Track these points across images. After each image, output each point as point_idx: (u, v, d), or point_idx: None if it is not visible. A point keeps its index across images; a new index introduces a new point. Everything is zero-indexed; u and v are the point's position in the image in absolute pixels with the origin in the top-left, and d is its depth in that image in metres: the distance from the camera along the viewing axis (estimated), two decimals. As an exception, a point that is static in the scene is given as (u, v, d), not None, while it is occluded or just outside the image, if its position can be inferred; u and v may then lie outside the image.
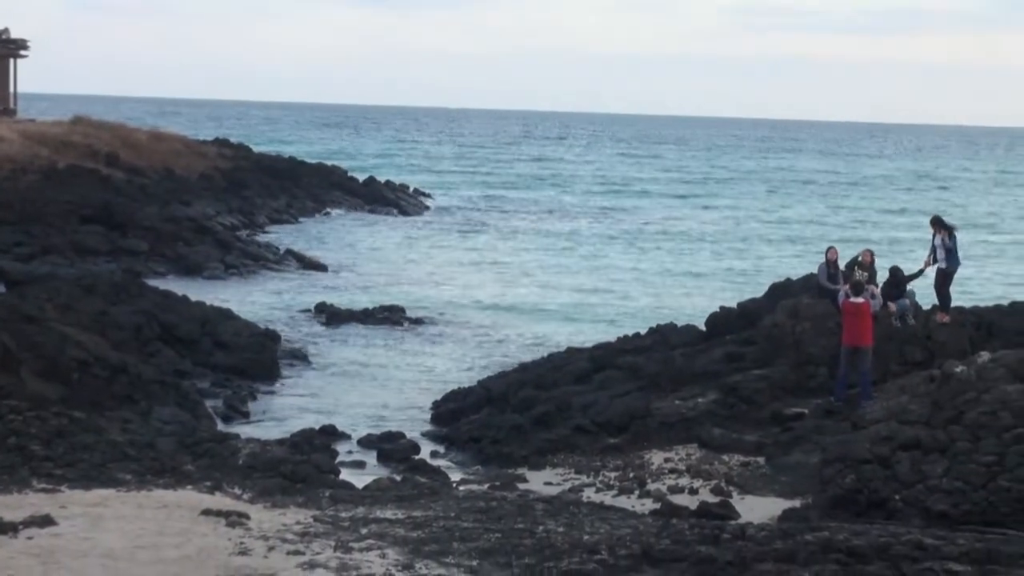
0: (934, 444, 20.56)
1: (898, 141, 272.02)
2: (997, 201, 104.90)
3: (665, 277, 55.05)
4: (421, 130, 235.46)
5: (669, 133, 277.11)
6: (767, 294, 31.75)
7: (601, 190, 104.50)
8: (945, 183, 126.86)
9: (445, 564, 15.91)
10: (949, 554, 16.07)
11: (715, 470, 23.38)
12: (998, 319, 29.89)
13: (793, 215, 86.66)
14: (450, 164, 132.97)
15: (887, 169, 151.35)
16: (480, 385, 30.39)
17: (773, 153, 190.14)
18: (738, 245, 67.88)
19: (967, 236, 69.23)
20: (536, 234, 70.56)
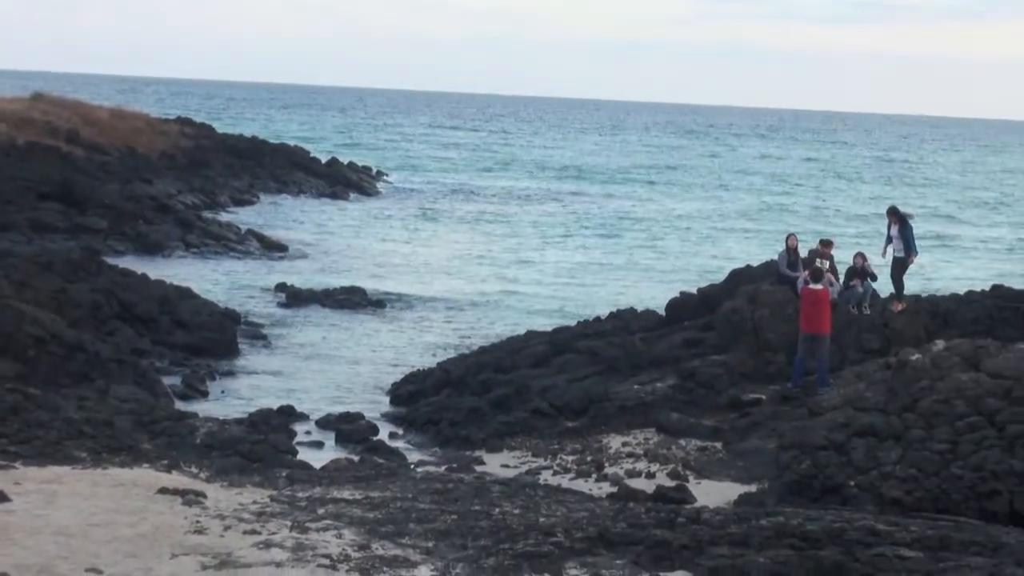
0: (889, 431, 20.71)
1: (869, 130, 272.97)
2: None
3: (626, 267, 55.08)
4: (390, 111, 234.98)
5: (636, 120, 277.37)
6: (727, 280, 31.86)
7: (559, 175, 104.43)
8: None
9: (401, 545, 15.93)
10: (902, 540, 16.19)
11: (672, 454, 23.47)
12: (954, 308, 30.09)
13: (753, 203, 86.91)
14: (419, 146, 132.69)
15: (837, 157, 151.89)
16: (439, 367, 30.39)
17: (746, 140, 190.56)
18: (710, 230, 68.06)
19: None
20: (497, 219, 70.51)
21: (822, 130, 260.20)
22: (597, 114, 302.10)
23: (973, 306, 30.05)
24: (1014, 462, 19.58)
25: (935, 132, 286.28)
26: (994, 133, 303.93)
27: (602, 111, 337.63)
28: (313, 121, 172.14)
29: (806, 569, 15.37)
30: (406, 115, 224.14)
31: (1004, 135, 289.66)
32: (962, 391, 20.72)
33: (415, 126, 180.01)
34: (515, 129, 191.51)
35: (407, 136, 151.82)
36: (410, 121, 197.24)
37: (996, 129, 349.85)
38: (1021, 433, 19.89)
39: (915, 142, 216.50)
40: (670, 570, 15.42)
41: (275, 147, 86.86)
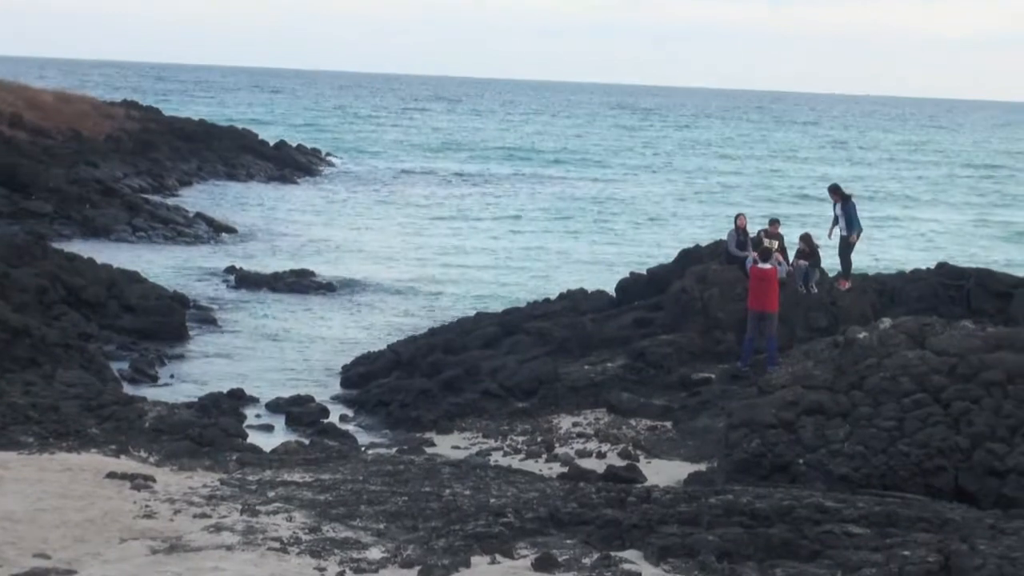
0: (837, 409, 20.84)
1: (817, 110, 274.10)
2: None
3: (577, 249, 55.15)
4: (341, 94, 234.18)
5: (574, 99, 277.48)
6: (676, 260, 31.96)
7: (512, 157, 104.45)
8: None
9: (352, 527, 15.94)
10: (849, 516, 16.33)
11: (623, 434, 23.55)
12: (900, 286, 30.36)
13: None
14: (371, 128, 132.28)
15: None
16: (390, 349, 30.35)
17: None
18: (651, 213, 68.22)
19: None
20: (449, 201, 70.43)
21: (769, 109, 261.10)
22: (545, 96, 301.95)
23: (918, 284, 30.33)
24: (959, 439, 19.76)
25: (885, 111, 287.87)
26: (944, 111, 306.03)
27: (550, 93, 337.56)
28: (264, 104, 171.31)
29: (755, 546, 15.47)
30: (359, 97, 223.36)
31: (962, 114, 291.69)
32: (908, 369, 20.87)
33: (368, 108, 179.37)
34: (468, 111, 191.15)
35: (359, 118, 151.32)
36: (363, 103, 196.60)
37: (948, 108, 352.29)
38: (965, 410, 20.07)
39: (858, 120, 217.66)
40: (620, 549, 15.48)
41: (223, 130, 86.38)
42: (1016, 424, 19.81)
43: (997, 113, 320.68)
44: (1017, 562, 14.21)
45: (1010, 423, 19.83)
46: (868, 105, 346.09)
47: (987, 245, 59.34)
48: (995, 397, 20.15)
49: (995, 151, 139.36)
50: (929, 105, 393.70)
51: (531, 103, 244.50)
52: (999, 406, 20.04)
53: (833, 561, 15.10)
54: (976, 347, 20.87)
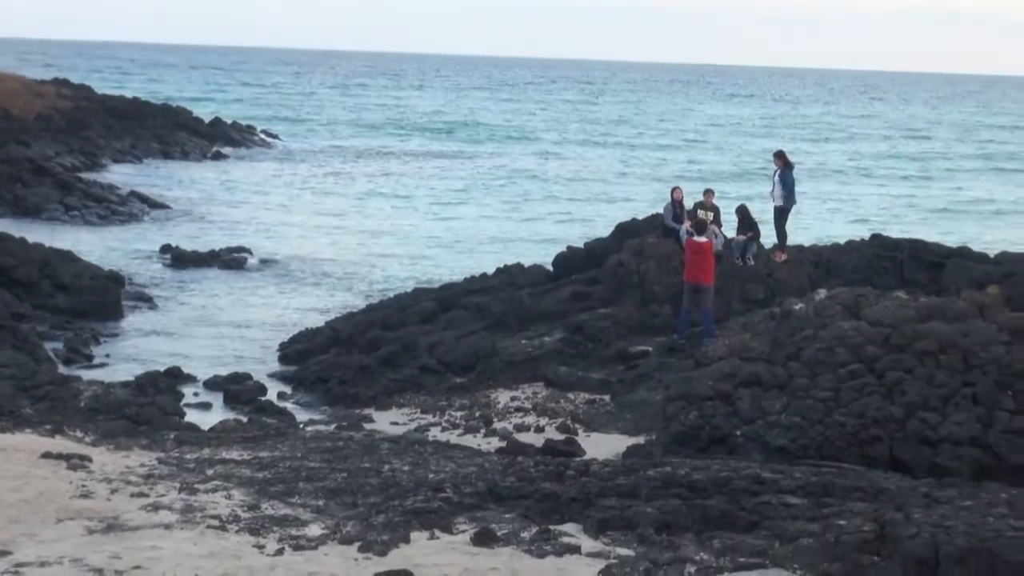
0: (774, 380, 20.97)
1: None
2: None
3: (516, 224, 55.18)
4: (281, 71, 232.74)
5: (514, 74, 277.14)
6: (613, 234, 32.04)
7: (452, 134, 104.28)
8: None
9: (291, 504, 15.92)
10: (786, 487, 16.46)
11: (561, 408, 23.60)
12: (836, 257, 30.58)
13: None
14: (310, 105, 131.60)
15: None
16: (327, 326, 30.27)
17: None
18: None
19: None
20: (389, 177, 70.22)
21: (704, 83, 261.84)
22: (488, 71, 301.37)
23: (853, 255, 30.56)
24: (893, 408, 19.94)
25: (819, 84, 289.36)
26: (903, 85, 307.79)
27: (493, 67, 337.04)
28: (200, 81, 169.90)
29: (693, 518, 15.58)
30: (297, 74, 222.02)
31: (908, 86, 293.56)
32: (843, 339, 21.03)
33: (306, 85, 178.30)
34: (408, 87, 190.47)
35: (296, 95, 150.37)
36: (300, 80, 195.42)
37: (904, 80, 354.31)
38: (899, 380, 20.25)
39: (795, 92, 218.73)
40: (559, 523, 15.54)
41: (157, 108, 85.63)
42: (948, 394, 20.02)
43: (938, 85, 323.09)
44: (950, 530, 14.36)
45: (942, 392, 20.03)
46: (810, 78, 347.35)
47: (923, 219, 59.78)
48: (927, 367, 20.35)
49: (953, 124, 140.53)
50: (868, 77, 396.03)
51: (472, 78, 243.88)
52: (931, 376, 20.24)
53: (770, 531, 15.23)
54: (909, 317, 21.05)
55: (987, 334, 20.65)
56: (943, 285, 28.48)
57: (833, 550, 14.45)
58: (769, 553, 14.63)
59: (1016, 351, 20.51)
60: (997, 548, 13.95)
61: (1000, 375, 20.20)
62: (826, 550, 14.49)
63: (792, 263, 28.85)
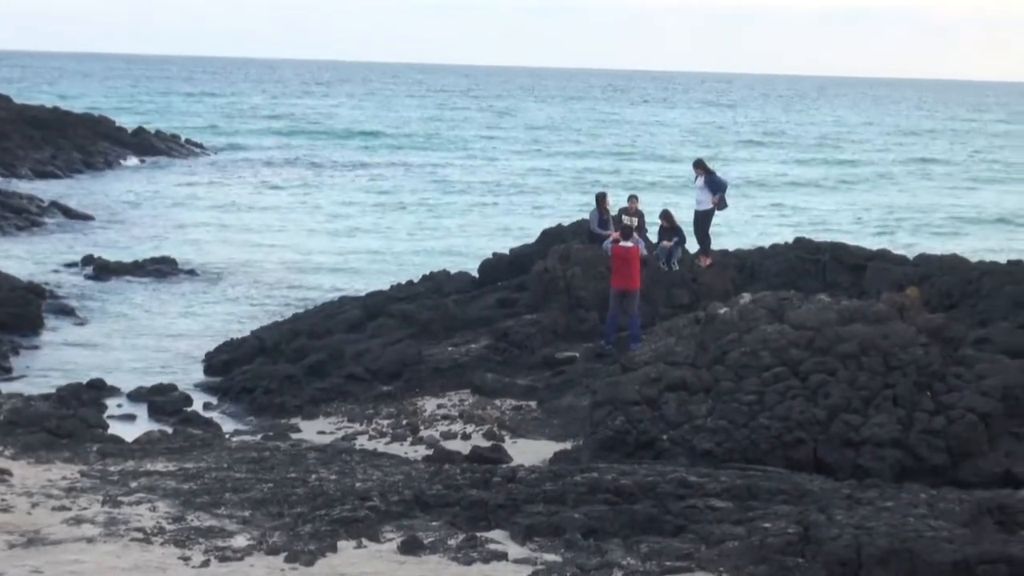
0: (699, 385, 21.09)
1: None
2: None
3: (441, 231, 55.16)
4: (204, 79, 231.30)
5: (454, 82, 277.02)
6: (539, 240, 32.12)
7: (377, 141, 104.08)
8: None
9: (217, 515, 15.83)
10: (712, 491, 16.58)
11: (487, 415, 23.62)
12: (759, 261, 30.84)
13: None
14: (233, 114, 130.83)
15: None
16: (253, 335, 30.10)
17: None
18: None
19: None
20: (314, 186, 69.96)
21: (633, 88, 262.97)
22: (419, 79, 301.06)
23: (777, 259, 30.85)
24: (817, 411, 20.11)
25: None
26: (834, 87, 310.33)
27: (423, 75, 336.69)
28: (120, 91, 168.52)
29: (620, 523, 15.65)
30: (226, 83, 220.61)
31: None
32: (768, 343, 21.19)
33: (232, 95, 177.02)
34: (339, 96, 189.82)
35: (223, 105, 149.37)
36: (232, 89, 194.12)
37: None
38: (823, 383, 20.43)
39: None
40: (487, 530, 15.56)
41: (78, 117, 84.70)
42: (870, 396, 20.22)
43: (869, 88, 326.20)
44: (872, 531, 14.53)
45: (864, 395, 20.24)
46: (737, 83, 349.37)
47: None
48: (850, 369, 20.55)
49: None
50: (800, 82, 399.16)
51: (402, 85, 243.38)
52: (854, 378, 20.44)
53: (696, 535, 15.33)
54: (831, 320, 21.25)
55: (906, 336, 20.89)
56: (864, 288, 28.80)
57: (758, 552, 14.57)
58: (695, 556, 14.72)
59: (934, 352, 20.78)
60: (917, 548, 14.13)
61: (919, 376, 20.45)
62: (751, 552, 14.61)
63: (716, 267, 29.05)
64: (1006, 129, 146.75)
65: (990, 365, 21.40)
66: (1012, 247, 48.27)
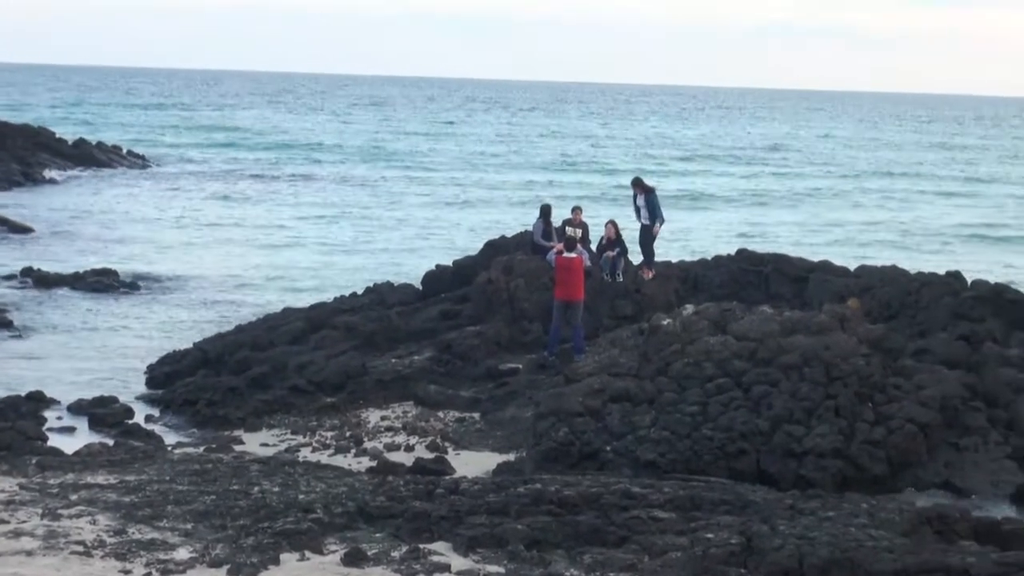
0: (643, 396, 21.18)
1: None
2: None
3: (384, 243, 55.09)
4: (140, 91, 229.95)
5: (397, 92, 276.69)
6: (482, 251, 32.14)
7: (321, 154, 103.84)
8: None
9: (159, 528, 15.74)
10: (655, 501, 16.65)
11: (431, 427, 23.61)
12: (703, 272, 31.00)
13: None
14: (175, 125, 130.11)
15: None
16: (195, 347, 29.93)
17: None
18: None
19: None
20: (257, 198, 69.69)
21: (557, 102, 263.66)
22: (362, 91, 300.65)
23: (720, 270, 31.02)
24: (759, 422, 20.25)
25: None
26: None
27: (363, 86, 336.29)
28: (70, 102, 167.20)
29: (563, 534, 15.68)
30: (170, 95, 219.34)
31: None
32: (711, 354, 21.31)
33: (176, 107, 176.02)
34: (281, 106, 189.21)
35: (166, 117, 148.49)
36: (175, 101, 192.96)
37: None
38: (765, 393, 20.57)
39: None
40: (429, 541, 15.56)
41: (16, 128, 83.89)
42: (812, 406, 20.38)
43: (798, 101, 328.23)
44: (814, 541, 14.63)
45: (806, 405, 20.39)
46: (664, 96, 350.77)
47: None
48: (792, 380, 20.71)
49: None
50: (730, 95, 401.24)
51: (347, 97, 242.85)
52: (796, 389, 20.60)
53: (640, 546, 15.39)
54: (774, 331, 21.41)
55: (847, 347, 21.07)
56: (806, 299, 29.00)
57: (701, 563, 14.64)
58: (638, 567, 14.77)
59: (874, 363, 20.97)
60: (858, 558, 14.24)
61: (860, 387, 20.64)
62: (694, 563, 14.67)
63: (660, 279, 29.15)
64: (964, 143, 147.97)
65: (929, 375, 21.65)
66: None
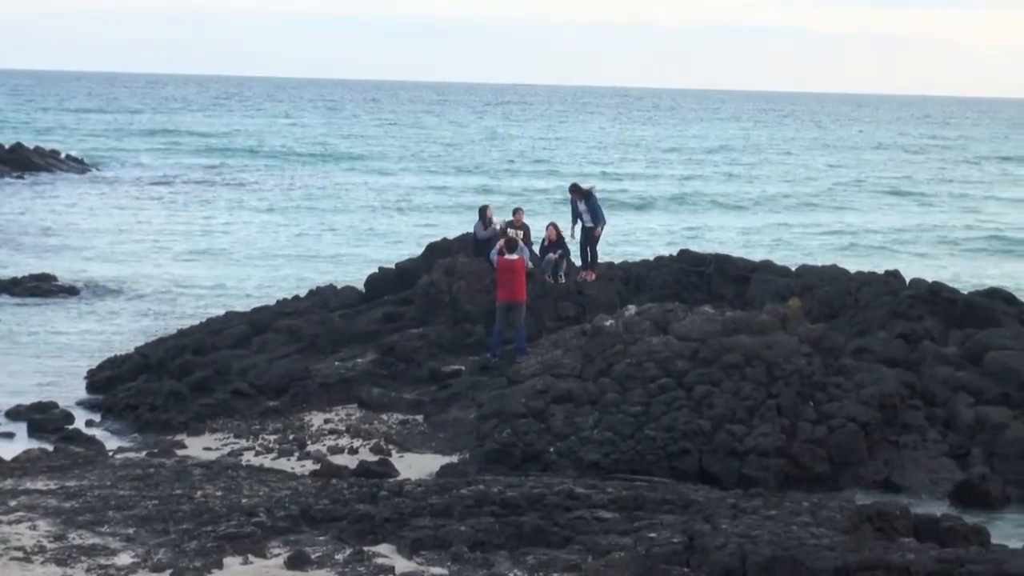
0: (586, 396, 21.25)
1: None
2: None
3: (328, 246, 54.96)
4: (78, 95, 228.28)
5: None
6: (424, 254, 32.12)
7: (262, 154, 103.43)
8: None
9: (100, 533, 15.66)
10: (599, 502, 16.70)
11: (374, 429, 23.59)
12: (645, 273, 31.11)
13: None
14: (115, 128, 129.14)
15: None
16: (137, 352, 29.74)
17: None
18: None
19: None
20: (198, 201, 69.28)
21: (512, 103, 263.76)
22: (302, 93, 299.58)
23: (662, 271, 31.15)
24: (701, 422, 20.36)
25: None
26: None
27: (317, 89, 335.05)
28: (4, 106, 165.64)
29: (507, 535, 15.71)
30: (109, 99, 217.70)
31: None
32: (653, 354, 21.42)
33: (116, 112, 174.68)
34: (219, 108, 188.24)
35: (107, 121, 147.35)
36: (116, 105, 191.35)
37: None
38: (707, 393, 20.69)
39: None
40: (374, 544, 15.55)
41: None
42: (754, 405, 20.52)
43: (739, 103, 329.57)
44: (756, 539, 14.73)
45: (748, 405, 20.53)
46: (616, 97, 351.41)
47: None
48: (734, 380, 20.84)
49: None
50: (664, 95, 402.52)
51: (290, 100, 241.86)
52: (738, 388, 20.73)
53: (583, 546, 15.44)
54: (716, 331, 21.53)
55: (789, 346, 21.23)
56: (748, 299, 29.17)
57: (644, 563, 14.70)
58: (582, 568, 14.82)
59: (816, 362, 21.13)
60: (800, 556, 14.35)
61: (802, 386, 20.79)
62: (637, 563, 14.73)
63: (602, 280, 29.23)
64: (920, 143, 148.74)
65: (869, 374, 21.84)
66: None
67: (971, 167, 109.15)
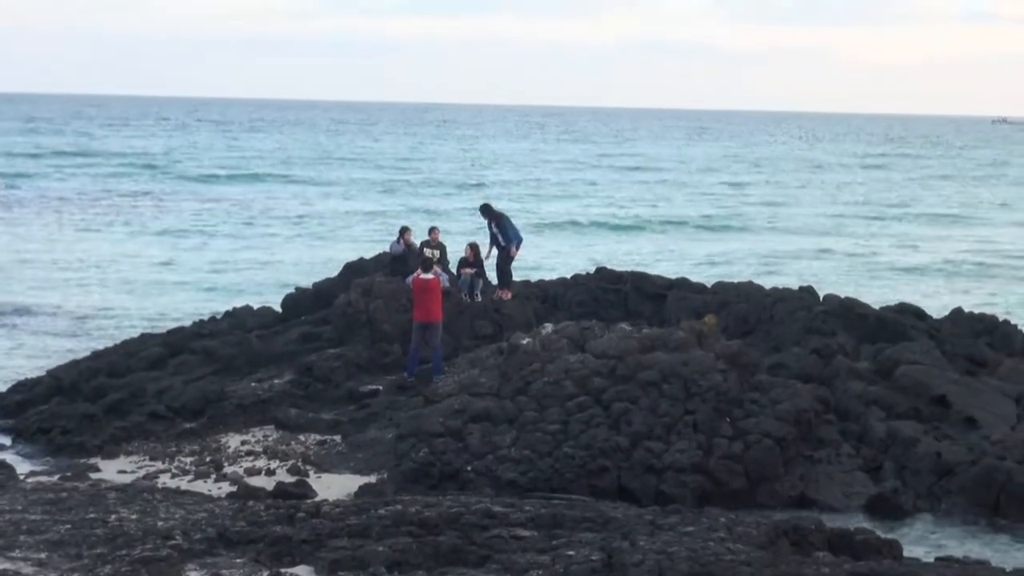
0: (503, 415, 21.27)
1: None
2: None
3: (252, 266, 54.63)
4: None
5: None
6: (341, 273, 32.04)
7: (178, 173, 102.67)
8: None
9: (11, 558, 15.44)
10: (517, 520, 16.71)
11: (292, 450, 23.47)
12: (562, 291, 31.22)
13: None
14: (42, 154, 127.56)
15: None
16: (49, 374, 29.34)
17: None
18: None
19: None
20: (111, 219, 68.64)
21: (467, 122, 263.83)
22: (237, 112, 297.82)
23: (579, 289, 31.27)
24: (619, 439, 20.44)
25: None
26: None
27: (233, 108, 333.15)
28: None
29: (424, 555, 15.68)
30: (20, 118, 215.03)
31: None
32: (570, 372, 21.49)
33: (29, 132, 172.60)
34: (139, 128, 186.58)
35: (27, 140, 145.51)
36: (30, 127, 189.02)
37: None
38: (625, 411, 20.78)
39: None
40: (291, 565, 15.47)
41: None
42: (671, 422, 20.63)
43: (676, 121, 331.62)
44: (674, 556, 14.80)
45: (665, 421, 20.63)
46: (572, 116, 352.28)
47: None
48: (651, 397, 20.95)
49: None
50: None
51: (219, 119, 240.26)
52: (656, 405, 20.84)
53: (501, 565, 15.43)
54: (633, 348, 21.64)
55: (705, 362, 21.38)
56: (665, 316, 29.35)
57: (563, 580, 14.71)
58: (500, 586, 14.81)
59: (732, 378, 21.28)
60: (717, 571, 14.44)
61: (718, 402, 20.93)
62: (556, 580, 14.74)
63: (519, 298, 29.30)
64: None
65: (784, 390, 22.04)
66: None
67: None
